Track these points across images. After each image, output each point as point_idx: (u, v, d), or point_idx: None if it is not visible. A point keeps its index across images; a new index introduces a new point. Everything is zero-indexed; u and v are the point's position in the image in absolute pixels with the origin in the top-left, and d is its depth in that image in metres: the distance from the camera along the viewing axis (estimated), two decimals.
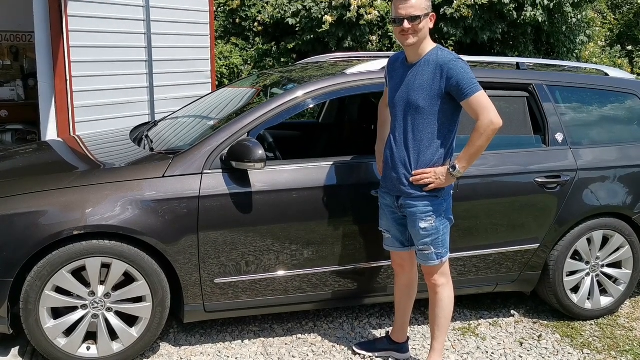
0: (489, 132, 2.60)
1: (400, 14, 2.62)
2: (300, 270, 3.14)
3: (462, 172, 2.69)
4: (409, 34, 2.63)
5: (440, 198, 2.76)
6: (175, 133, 3.67)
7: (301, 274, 3.15)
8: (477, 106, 2.60)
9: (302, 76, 3.68)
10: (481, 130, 2.60)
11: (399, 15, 2.63)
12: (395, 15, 2.65)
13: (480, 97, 2.61)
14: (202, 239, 2.95)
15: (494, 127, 2.60)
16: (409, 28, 2.61)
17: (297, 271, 3.14)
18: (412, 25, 2.61)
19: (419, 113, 2.69)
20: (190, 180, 2.95)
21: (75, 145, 3.83)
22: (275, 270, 3.11)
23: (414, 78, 2.72)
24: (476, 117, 2.62)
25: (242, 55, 8.24)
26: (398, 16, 2.63)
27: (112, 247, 2.84)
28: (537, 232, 3.46)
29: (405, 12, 2.61)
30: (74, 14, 5.12)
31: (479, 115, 2.60)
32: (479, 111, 2.60)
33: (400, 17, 2.62)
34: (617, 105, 3.83)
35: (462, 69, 2.61)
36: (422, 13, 2.63)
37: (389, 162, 2.81)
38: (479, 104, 2.60)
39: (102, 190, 2.87)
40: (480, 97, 2.61)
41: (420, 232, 2.77)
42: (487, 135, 2.61)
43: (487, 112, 2.59)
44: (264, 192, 3.02)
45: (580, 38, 8.10)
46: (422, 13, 2.62)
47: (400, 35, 2.68)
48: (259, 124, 3.10)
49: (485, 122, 2.59)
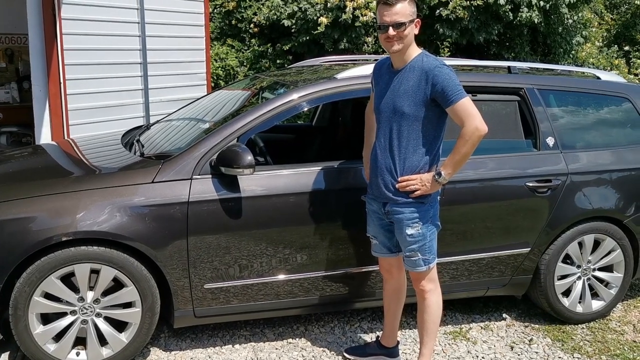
0: (474, 138, 2.60)
1: (385, 20, 2.62)
2: (291, 275, 3.14)
3: (447, 179, 2.69)
4: (393, 41, 2.63)
5: (426, 204, 2.76)
6: (166, 137, 3.67)
7: (293, 279, 3.15)
8: (462, 113, 2.60)
9: (294, 80, 3.68)
10: (466, 137, 2.60)
11: (384, 22, 2.62)
12: (380, 22, 2.65)
13: (465, 104, 2.60)
14: (191, 245, 2.95)
15: (479, 134, 2.60)
16: (394, 35, 2.61)
17: (289, 276, 3.14)
18: (397, 32, 2.61)
19: (405, 119, 2.69)
20: (179, 185, 2.95)
21: (69, 149, 3.84)
22: (266, 275, 3.11)
23: (399, 84, 2.71)
24: (461, 123, 2.62)
25: (238, 56, 8.23)
26: (383, 23, 2.62)
27: (101, 253, 2.84)
28: (528, 236, 3.46)
29: (389, 19, 2.60)
30: (68, 17, 5.12)
31: (464, 121, 2.60)
32: (464, 118, 2.60)
33: (385, 24, 2.61)
34: (609, 109, 3.83)
35: (447, 75, 2.61)
36: (407, 19, 2.62)
37: (375, 168, 2.81)
38: (464, 111, 2.60)
39: (91, 196, 2.87)
40: (466, 104, 2.60)
41: (407, 238, 2.78)
42: (473, 141, 2.61)
43: (472, 118, 2.59)
44: (254, 197, 3.02)
45: (577, 39, 8.10)
46: (406, 19, 2.62)
47: (385, 42, 2.67)
48: (248, 129, 3.10)
49: (470, 129, 2.59)
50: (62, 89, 5.10)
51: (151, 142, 3.63)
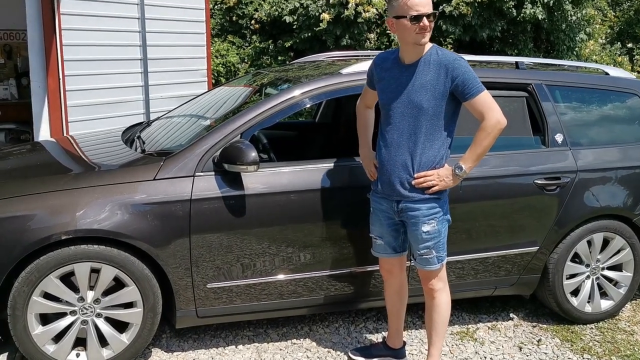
0: (495, 131, 2.58)
1: (420, 11, 2.54)
2: (295, 274, 3.08)
3: (468, 173, 2.66)
4: (426, 32, 2.58)
5: (441, 200, 2.72)
6: (167, 134, 3.60)
7: (297, 278, 3.09)
8: (482, 106, 2.58)
9: (297, 76, 3.61)
10: (488, 130, 2.57)
11: (420, 12, 2.54)
12: (414, 13, 2.54)
13: (485, 97, 2.58)
14: (194, 243, 2.89)
15: (500, 127, 2.59)
16: (427, 25, 2.56)
17: (293, 275, 3.08)
18: (429, 22, 2.57)
19: (422, 114, 2.63)
20: (181, 183, 2.89)
21: (68, 145, 3.77)
22: (269, 274, 3.05)
23: (413, 78, 2.65)
24: (481, 117, 2.58)
25: (238, 53, 8.17)
26: (418, 13, 2.54)
27: (102, 251, 2.77)
28: (537, 234, 3.40)
29: (424, 9, 2.55)
30: (67, 12, 5.06)
31: (484, 114, 2.57)
32: (484, 111, 2.57)
33: (421, 14, 2.54)
34: (618, 105, 3.76)
35: (466, 68, 2.58)
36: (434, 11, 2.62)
37: (387, 166, 2.74)
38: (485, 104, 2.57)
39: (91, 194, 2.81)
40: (486, 97, 2.59)
41: (422, 235, 2.71)
42: (494, 134, 2.59)
43: (493, 111, 2.58)
44: (258, 194, 2.96)
45: (580, 36, 8.03)
46: (434, 11, 2.62)
47: (416, 35, 2.57)
48: (252, 125, 3.03)
49: (492, 122, 2.56)
50: (61, 85, 5.05)
51: (152, 139, 3.56)
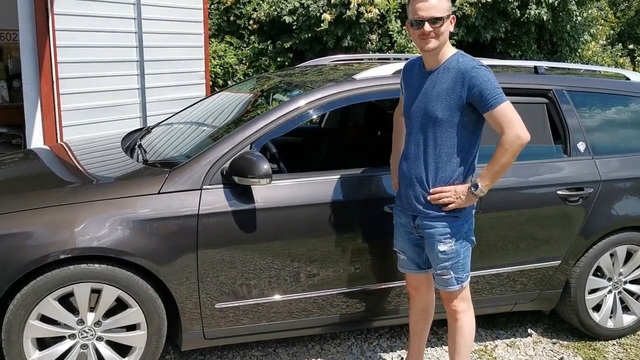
0: (515, 147, 2.38)
1: (420, 15, 2.38)
2: (308, 292, 2.91)
3: (484, 191, 2.47)
4: (429, 38, 2.40)
5: (460, 219, 2.54)
6: (170, 142, 3.41)
7: (309, 297, 2.91)
8: (501, 118, 2.38)
9: (304, 81, 3.45)
10: (506, 146, 2.38)
11: (419, 17, 2.39)
12: (415, 17, 2.41)
13: (505, 109, 2.39)
14: (201, 261, 2.71)
15: (521, 142, 2.38)
16: (430, 31, 2.38)
17: (305, 294, 2.90)
18: (433, 28, 2.38)
19: (438, 125, 2.46)
20: (188, 196, 2.70)
21: (64, 154, 3.56)
22: (280, 293, 2.87)
23: (431, 87, 2.49)
24: (501, 130, 2.40)
25: (236, 54, 7.98)
26: (418, 18, 2.39)
27: (103, 271, 2.59)
28: (559, 248, 3.25)
29: (426, 13, 2.37)
30: (61, 12, 4.87)
31: (504, 128, 2.38)
32: (504, 124, 2.38)
33: (421, 19, 2.38)
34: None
35: (485, 77, 2.39)
36: (444, 14, 2.40)
37: (405, 178, 2.58)
38: (504, 116, 2.38)
39: (91, 209, 2.62)
40: (506, 109, 2.39)
41: (438, 255, 2.55)
42: (513, 151, 2.39)
43: (513, 125, 2.38)
44: (270, 209, 2.78)
45: (585, 37, 7.91)
46: (444, 14, 2.40)
47: (419, 40, 2.44)
48: (263, 134, 2.85)
49: (511, 137, 2.37)
50: (54, 88, 4.86)
51: (154, 148, 3.37)
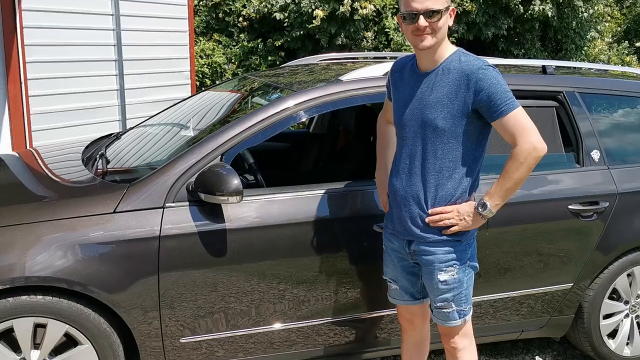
0: (530, 160, 2.04)
1: (414, 7, 2.03)
2: (289, 322, 2.57)
3: (494, 212, 2.13)
4: (424, 34, 2.05)
5: (463, 243, 2.19)
6: (137, 152, 3.07)
7: (292, 327, 2.57)
8: (514, 127, 2.04)
9: (289, 82, 3.11)
10: (521, 159, 2.04)
11: (412, 9, 2.03)
12: (407, 10, 2.06)
13: (518, 116, 2.05)
14: (163, 289, 2.37)
15: (537, 155, 2.05)
16: (425, 26, 2.04)
17: (287, 324, 2.56)
18: (429, 22, 2.04)
19: (438, 135, 2.12)
20: (148, 216, 2.37)
21: (32, 162, 3.20)
22: (258, 324, 2.53)
23: (429, 91, 2.14)
24: (513, 141, 2.06)
25: (225, 53, 7.72)
26: (411, 10, 2.04)
27: (47, 304, 2.25)
28: (571, 268, 2.91)
29: (420, 5, 2.02)
30: (30, 8, 4.61)
31: (517, 138, 2.04)
32: (517, 134, 2.04)
33: (414, 11, 2.03)
34: None
35: (494, 79, 2.05)
36: (443, 6, 2.06)
37: (397, 197, 2.23)
38: (517, 125, 2.04)
39: (34, 231, 2.28)
40: (519, 116, 2.05)
41: (439, 285, 2.21)
42: (529, 164, 2.05)
43: (528, 134, 2.04)
44: (242, 229, 2.44)
45: (591, 34, 7.59)
46: (442, 7, 2.05)
47: (412, 36, 2.09)
48: (235, 143, 2.51)
49: (525, 148, 2.03)
50: (23, 90, 4.60)
51: (119, 158, 3.02)
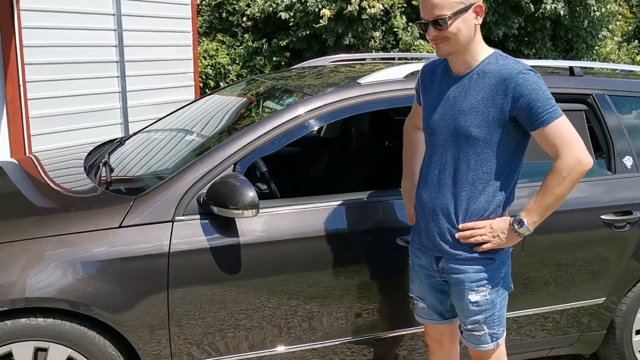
0: (574, 175, 1.88)
1: (422, 17, 1.96)
2: (307, 344, 2.41)
3: (531, 229, 1.97)
4: (439, 42, 1.96)
5: (496, 261, 2.04)
6: (142, 159, 2.90)
7: (308, 349, 2.41)
8: (556, 138, 1.89)
9: (300, 86, 2.95)
10: (563, 173, 1.88)
11: (422, 19, 1.97)
12: (420, 19, 1.99)
13: (561, 126, 1.89)
14: (173, 310, 2.21)
15: (582, 169, 1.89)
16: (436, 35, 1.94)
17: (302, 345, 2.40)
18: (439, 30, 1.93)
19: (471, 144, 1.97)
20: (156, 230, 2.20)
21: (32, 170, 3.04)
22: (273, 346, 2.38)
23: (462, 96, 1.99)
24: (555, 153, 1.90)
25: (229, 53, 7.62)
26: (421, 20, 1.97)
27: (49, 326, 2.09)
28: (603, 282, 2.76)
29: (428, 15, 1.93)
30: (28, 8, 4.48)
31: (559, 150, 1.89)
32: (559, 145, 1.88)
33: (424, 21, 1.96)
34: None
35: (535, 85, 1.89)
36: (451, 11, 1.91)
37: (425, 209, 2.08)
38: (560, 135, 1.88)
39: (33, 249, 2.12)
40: (562, 126, 1.89)
41: (469, 306, 2.05)
42: (572, 179, 1.89)
43: (572, 146, 1.88)
44: (257, 244, 2.29)
45: (603, 33, 7.44)
46: (450, 11, 1.91)
47: (432, 44, 2.01)
48: (248, 152, 2.35)
49: (569, 161, 1.87)
50: (21, 93, 4.46)
51: (123, 166, 2.86)
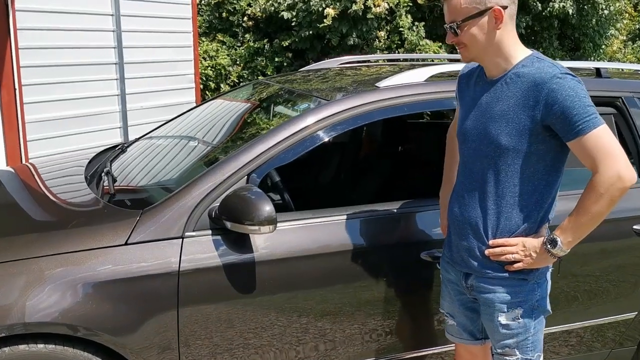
0: (613, 192, 1.71)
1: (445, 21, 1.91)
2: None
3: (566, 250, 1.82)
4: (458, 48, 1.88)
5: (530, 282, 1.89)
6: (147, 168, 2.74)
7: None
8: (595, 150, 1.72)
9: (313, 90, 2.82)
10: (601, 189, 1.71)
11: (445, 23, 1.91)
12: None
13: (601, 136, 1.72)
14: (184, 333, 2.06)
15: (623, 186, 1.71)
16: (453, 40, 1.86)
17: None
18: (456, 37, 1.84)
19: (500, 155, 1.82)
20: (165, 248, 2.05)
21: (30, 179, 2.87)
22: None
23: (494, 101, 1.85)
24: (593, 166, 1.74)
25: (229, 54, 7.53)
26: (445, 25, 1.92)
27: (50, 353, 1.93)
28: (634, 296, 2.62)
29: (446, 19, 1.87)
30: (24, 8, 4.35)
31: (598, 164, 1.72)
32: (598, 158, 1.72)
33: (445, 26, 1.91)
34: None
35: (571, 90, 1.73)
36: (464, 16, 1.80)
37: (456, 222, 1.96)
38: (599, 147, 1.72)
39: (33, 268, 1.96)
40: (601, 136, 1.72)
41: (499, 329, 1.92)
42: (611, 196, 1.72)
43: (612, 160, 1.71)
44: (274, 261, 2.13)
45: (610, 32, 7.33)
46: (463, 17, 1.80)
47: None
48: (263, 162, 2.20)
49: (608, 176, 1.71)
50: (17, 97, 4.33)
51: (126, 175, 2.70)
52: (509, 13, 1.82)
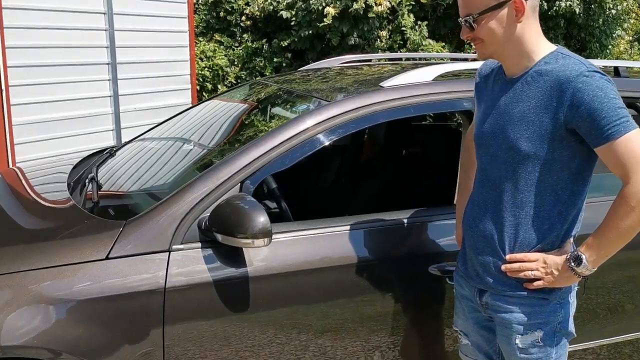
0: None
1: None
2: None
3: (591, 269, 1.64)
4: (474, 44, 1.73)
5: (551, 302, 1.72)
6: (135, 174, 2.57)
7: None
8: (626, 157, 1.54)
9: (312, 90, 2.68)
10: (632, 202, 1.53)
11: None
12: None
13: (632, 142, 1.54)
14: (169, 355, 1.90)
15: None
16: (469, 36, 1.72)
17: None
18: (470, 30, 1.69)
19: (520, 161, 1.65)
20: (150, 263, 1.89)
21: (13, 184, 2.71)
22: None
23: (514, 102, 1.69)
24: (623, 175, 1.56)
25: (227, 54, 7.44)
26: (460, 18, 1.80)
27: None
28: None
29: (460, 13, 1.73)
30: (11, 6, 4.25)
31: (629, 173, 1.54)
32: (629, 167, 1.54)
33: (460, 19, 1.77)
34: None
35: (599, 91, 1.55)
36: (480, 9, 1.64)
37: (471, 233, 1.80)
38: (630, 154, 1.54)
39: (8, 285, 1.80)
40: (633, 142, 1.54)
41: (517, 353, 1.75)
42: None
43: None
44: (270, 276, 1.98)
45: (617, 32, 7.20)
46: (478, 10, 1.65)
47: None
48: (257, 168, 2.04)
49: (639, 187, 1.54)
50: (3, 98, 4.22)
51: (112, 182, 2.53)
52: (531, 4, 1.64)
